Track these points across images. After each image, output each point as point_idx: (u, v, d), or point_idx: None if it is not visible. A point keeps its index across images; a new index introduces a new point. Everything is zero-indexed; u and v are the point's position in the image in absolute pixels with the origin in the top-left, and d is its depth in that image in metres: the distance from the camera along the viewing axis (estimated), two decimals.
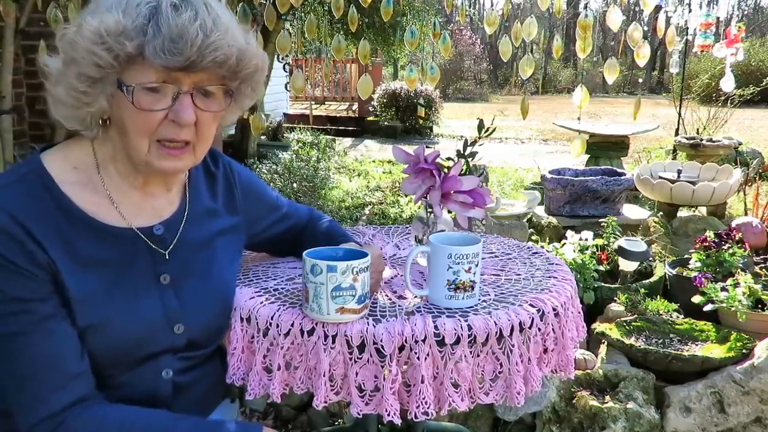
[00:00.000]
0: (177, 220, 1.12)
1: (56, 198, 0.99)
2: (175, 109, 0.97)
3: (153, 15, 0.92)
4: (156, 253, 1.07)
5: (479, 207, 1.30)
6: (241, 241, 1.24)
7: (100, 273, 1.00)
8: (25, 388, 0.95)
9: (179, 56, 0.92)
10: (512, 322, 1.09)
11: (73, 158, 1.04)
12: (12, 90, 3.02)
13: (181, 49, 0.91)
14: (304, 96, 11.64)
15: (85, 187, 1.03)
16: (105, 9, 0.93)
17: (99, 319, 0.99)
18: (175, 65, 0.93)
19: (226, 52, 0.96)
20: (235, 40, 0.98)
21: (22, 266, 0.93)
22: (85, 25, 0.92)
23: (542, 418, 2.10)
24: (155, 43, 0.91)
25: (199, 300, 1.10)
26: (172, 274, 1.08)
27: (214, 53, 0.94)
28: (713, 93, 7.41)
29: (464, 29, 22.41)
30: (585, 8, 2.23)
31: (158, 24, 0.91)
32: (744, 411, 2.05)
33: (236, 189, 1.23)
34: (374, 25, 7.33)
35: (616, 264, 2.90)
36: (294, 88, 2.67)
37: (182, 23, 0.91)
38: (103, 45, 0.91)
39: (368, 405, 1.06)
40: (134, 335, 1.02)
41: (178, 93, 0.97)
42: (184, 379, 1.11)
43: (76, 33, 0.93)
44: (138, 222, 1.07)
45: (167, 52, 0.91)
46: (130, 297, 1.02)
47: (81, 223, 1.00)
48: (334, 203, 5.56)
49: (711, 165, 4.23)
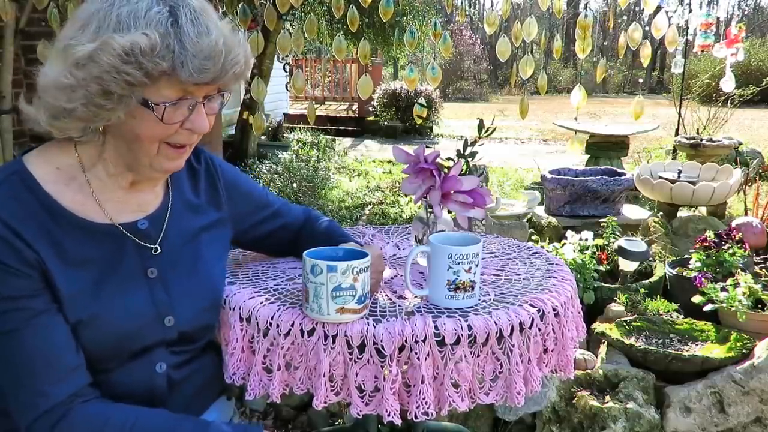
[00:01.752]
0: (161, 215, 1.13)
1: (41, 198, 1.00)
2: (191, 119, 1.01)
3: (176, 33, 0.93)
4: (142, 247, 1.08)
5: (479, 207, 1.30)
6: (227, 236, 1.25)
7: (87, 269, 1.02)
8: (24, 384, 0.96)
9: (207, 73, 0.95)
10: (512, 322, 1.09)
11: (55, 160, 1.05)
12: (12, 90, 3.01)
13: (209, 67, 0.95)
14: (304, 96, 11.64)
15: (68, 187, 1.04)
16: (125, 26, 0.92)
17: (88, 314, 1.00)
18: (204, 82, 0.96)
19: (242, 64, 1.00)
20: (245, 47, 1.02)
21: (12, 266, 0.94)
22: (112, 42, 0.91)
23: (542, 418, 2.10)
24: (186, 61, 0.93)
25: (187, 293, 1.11)
26: (159, 267, 1.09)
27: (234, 67, 0.99)
28: (713, 93, 7.41)
29: (464, 29, 22.42)
30: (585, 8, 2.23)
31: (181, 41, 0.93)
32: (744, 411, 2.05)
33: (220, 184, 1.23)
34: (374, 25, 7.33)
35: (616, 264, 2.90)
36: (294, 87, 2.67)
37: (208, 43, 0.94)
38: (135, 64, 0.92)
39: (368, 405, 1.06)
40: (125, 329, 1.03)
41: (195, 103, 1.00)
42: (178, 374, 1.12)
43: (102, 50, 0.91)
44: (122, 218, 1.08)
45: (197, 71, 0.94)
46: (118, 291, 1.03)
47: (66, 221, 1.02)
48: (334, 203, 5.56)
49: (711, 165, 4.23)
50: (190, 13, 0.95)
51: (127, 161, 1.05)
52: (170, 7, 0.94)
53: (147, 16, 0.92)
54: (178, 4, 0.95)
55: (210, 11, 0.99)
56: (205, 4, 0.99)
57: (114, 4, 0.93)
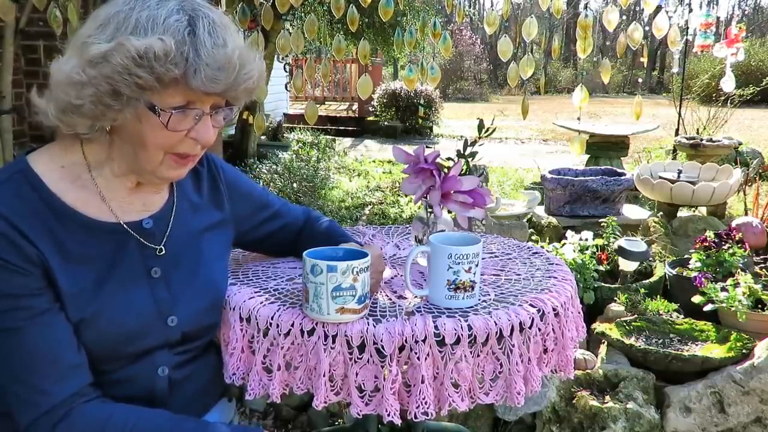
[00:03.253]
0: (166, 215, 1.13)
1: (44, 196, 1.00)
2: (197, 129, 1.01)
3: (192, 42, 0.94)
4: (146, 247, 1.09)
5: (479, 207, 1.30)
6: (229, 237, 1.25)
7: (90, 268, 1.02)
8: (25, 382, 0.96)
9: (218, 84, 0.96)
10: (512, 322, 1.09)
11: (59, 158, 1.05)
12: (12, 90, 3.01)
13: (221, 78, 0.96)
14: (304, 96, 11.64)
15: (73, 185, 1.04)
16: (142, 29, 0.93)
17: (90, 312, 1.00)
18: (214, 92, 0.97)
19: (255, 79, 1.01)
20: (259, 63, 1.03)
21: (14, 263, 0.94)
22: (127, 43, 0.91)
23: (542, 418, 2.10)
24: (198, 69, 0.94)
25: (190, 293, 1.11)
26: (162, 267, 1.09)
27: (247, 81, 1.00)
28: (713, 93, 7.41)
29: (464, 29, 22.42)
30: (585, 8, 2.23)
31: (197, 50, 0.94)
32: (744, 411, 2.05)
33: (221, 185, 1.24)
34: (374, 25, 7.33)
35: (616, 264, 2.90)
36: (294, 87, 2.67)
37: (224, 54, 0.95)
38: (148, 68, 0.92)
39: (368, 405, 1.06)
40: (127, 328, 1.03)
41: (202, 113, 1.01)
42: (179, 375, 1.12)
43: (117, 51, 0.92)
44: (127, 217, 1.08)
45: (209, 80, 0.95)
46: (120, 290, 1.03)
47: (69, 219, 1.02)
48: (334, 203, 5.56)
49: (711, 165, 4.23)
50: (208, 25, 0.96)
51: (131, 165, 1.05)
52: (189, 17, 0.95)
53: (165, 22, 0.93)
54: (197, 15, 0.96)
55: (229, 26, 1.00)
56: (225, 19, 1.00)
57: (135, 8, 0.95)
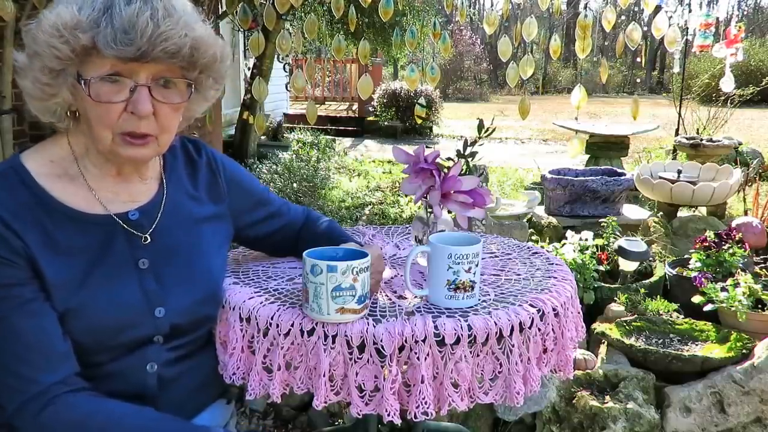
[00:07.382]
0: (155, 206, 1.13)
1: (34, 191, 1.02)
2: (132, 101, 0.99)
3: (107, 7, 0.94)
4: (133, 238, 1.09)
5: (479, 207, 1.30)
6: (228, 230, 1.25)
7: (78, 259, 1.03)
8: (12, 369, 0.97)
9: (130, 47, 0.93)
10: (512, 322, 1.09)
11: (49, 153, 1.07)
12: (12, 90, 3.01)
13: (131, 39, 0.93)
14: (304, 96, 11.64)
15: (61, 178, 1.05)
16: (64, 3, 0.96)
17: (76, 303, 1.01)
18: (126, 56, 0.94)
19: (177, 42, 0.96)
20: (190, 29, 0.98)
21: (1, 255, 0.96)
22: (44, 19, 0.95)
23: (542, 418, 2.10)
24: (106, 34, 0.93)
25: (181, 284, 1.11)
26: (150, 258, 1.09)
27: (164, 43, 0.95)
28: (713, 93, 7.41)
29: (464, 29, 22.42)
30: (585, 8, 2.23)
31: (111, 16, 0.93)
32: (744, 411, 2.05)
33: (220, 178, 1.24)
34: (374, 25, 7.33)
35: (616, 264, 2.90)
36: (294, 87, 2.67)
37: (132, 13, 0.93)
38: (61, 38, 0.94)
39: (368, 405, 1.06)
40: (113, 318, 1.04)
41: (136, 86, 0.99)
42: (169, 373, 1.11)
43: (37, 27, 0.96)
44: (115, 208, 1.09)
45: (118, 42, 0.93)
46: (105, 281, 1.04)
47: (58, 212, 1.03)
48: (334, 203, 5.56)
49: (711, 165, 4.23)
50: None
51: (95, 148, 1.06)
52: None
53: None
54: None
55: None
56: None
57: None
